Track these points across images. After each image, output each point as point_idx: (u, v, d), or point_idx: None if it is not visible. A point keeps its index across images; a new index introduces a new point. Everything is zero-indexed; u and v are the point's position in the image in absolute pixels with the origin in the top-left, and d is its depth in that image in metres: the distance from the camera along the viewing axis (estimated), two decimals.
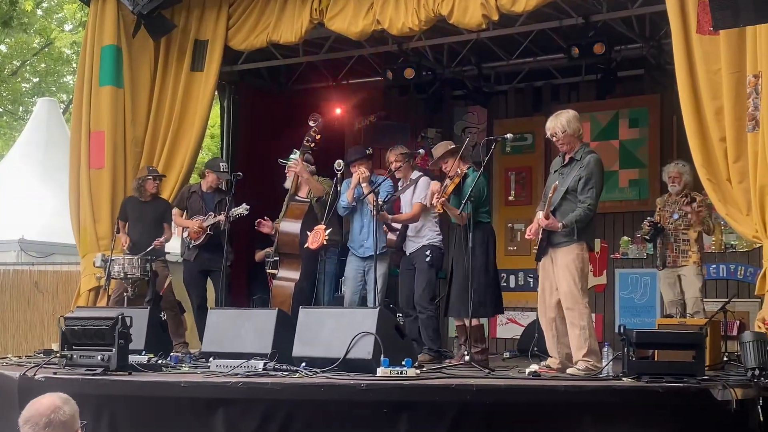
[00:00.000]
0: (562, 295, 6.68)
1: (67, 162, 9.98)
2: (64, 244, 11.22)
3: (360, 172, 8.37)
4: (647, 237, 8.65)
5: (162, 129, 9.68)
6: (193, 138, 9.56)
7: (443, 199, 7.51)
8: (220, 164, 9.47)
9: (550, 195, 6.72)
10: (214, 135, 20.61)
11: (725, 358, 7.68)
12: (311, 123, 8.58)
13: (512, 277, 11.55)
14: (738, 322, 8.90)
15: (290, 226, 8.45)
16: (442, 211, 7.68)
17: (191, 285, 9.17)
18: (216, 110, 12.45)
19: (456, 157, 7.73)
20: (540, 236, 6.81)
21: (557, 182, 6.73)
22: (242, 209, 8.63)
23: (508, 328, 11.39)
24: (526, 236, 7.05)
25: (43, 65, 25.27)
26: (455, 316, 7.83)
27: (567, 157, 6.88)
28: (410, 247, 8.43)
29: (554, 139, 6.89)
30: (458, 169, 7.63)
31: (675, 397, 5.74)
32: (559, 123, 6.82)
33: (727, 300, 8.50)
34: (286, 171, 8.85)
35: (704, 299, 8.44)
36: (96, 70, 9.67)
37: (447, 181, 7.69)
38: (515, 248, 11.55)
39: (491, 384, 5.96)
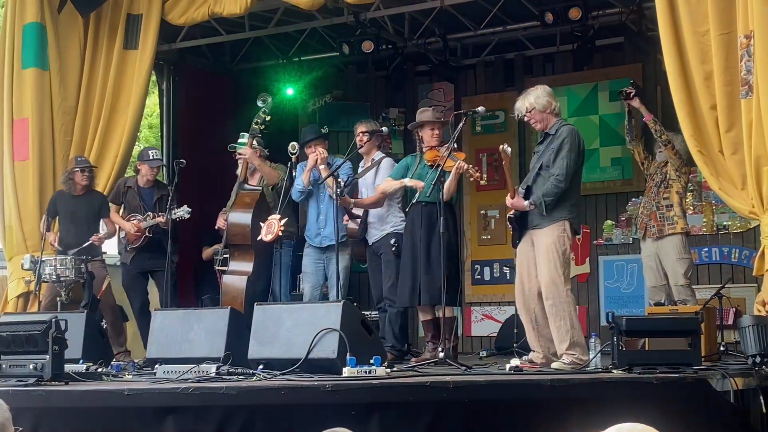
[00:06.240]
0: (542, 283, 6.69)
1: None
2: None
3: (318, 152, 8.34)
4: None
5: (93, 114, 9.58)
6: (128, 123, 9.47)
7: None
8: (149, 152, 9.37)
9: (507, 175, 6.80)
10: (153, 125, 20.38)
11: (721, 348, 7.75)
12: (260, 103, 8.60)
13: (486, 269, 11.52)
14: (734, 309, 9.01)
15: (240, 216, 8.41)
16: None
17: (131, 288, 9.13)
18: (155, 98, 12.29)
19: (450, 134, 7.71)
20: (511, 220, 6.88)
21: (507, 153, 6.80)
22: (183, 212, 8.51)
23: (483, 325, 11.37)
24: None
25: None
26: (427, 303, 7.76)
27: (543, 135, 6.92)
28: (373, 235, 8.41)
29: (526, 119, 6.96)
30: (454, 144, 7.63)
31: (670, 388, 5.76)
32: (527, 102, 6.89)
33: (721, 285, 8.57)
34: (236, 157, 8.80)
35: (692, 286, 8.40)
36: (18, 50, 9.52)
37: (444, 151, 7.63)
38: (489, 237, 11.52)
39: (470, 380, 5.95)
